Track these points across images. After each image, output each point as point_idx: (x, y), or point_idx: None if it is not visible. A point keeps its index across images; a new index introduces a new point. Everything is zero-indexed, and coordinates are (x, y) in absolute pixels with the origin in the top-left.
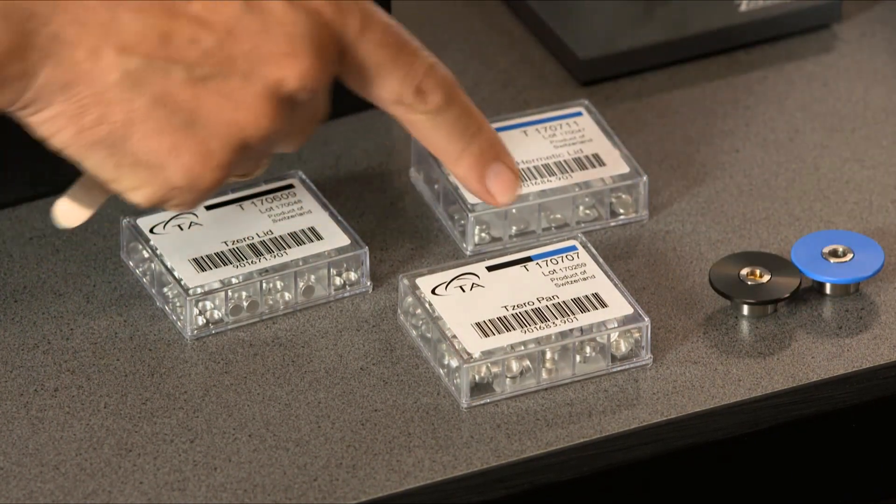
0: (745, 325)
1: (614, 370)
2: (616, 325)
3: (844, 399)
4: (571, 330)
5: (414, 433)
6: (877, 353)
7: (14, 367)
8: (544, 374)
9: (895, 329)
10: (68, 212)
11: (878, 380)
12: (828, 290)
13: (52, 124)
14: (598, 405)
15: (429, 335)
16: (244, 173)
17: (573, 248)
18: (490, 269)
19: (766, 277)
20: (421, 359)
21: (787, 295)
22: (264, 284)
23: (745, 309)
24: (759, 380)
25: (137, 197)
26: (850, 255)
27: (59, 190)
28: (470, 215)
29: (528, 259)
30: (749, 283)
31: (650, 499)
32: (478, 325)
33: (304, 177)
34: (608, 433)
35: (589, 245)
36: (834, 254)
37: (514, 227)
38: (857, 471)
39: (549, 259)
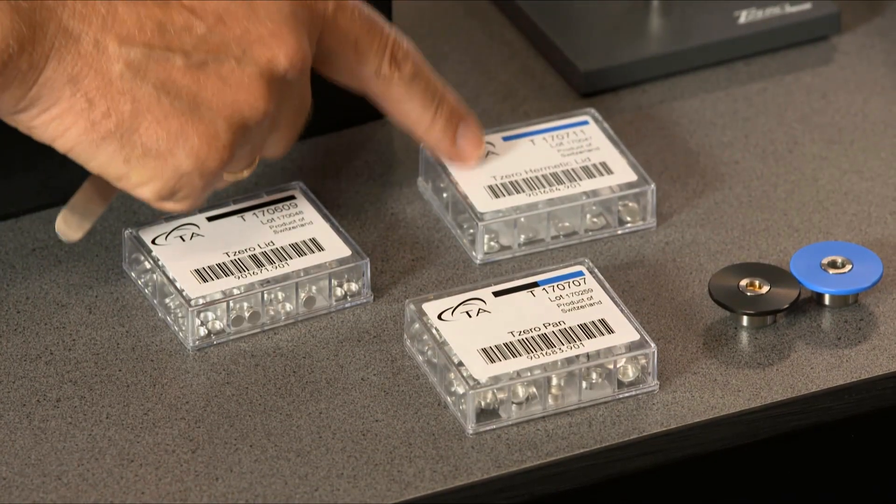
0: (744, 336)
1: (620, 396)
2: (623, 352)
3: (843, 410)
4: (578, 356)
5: (415, 443)
6: (875, 364)
7: (16, 377)
8: (550, 401)
9: (894, 340)
10: (70, 223)
11: (876, 390)
12: (827, 301)
13: (59, 123)
14: (598, 416)
15: (435, 360)
16: (238, 170)
17: (580, 273)
18: (496, 294)
19: (766, 288)
20: (421, 370)
21: (786, 306)
22: (266, 295)
23: (745, 320)
24: (759, 390)
25: (146, 192)
26: (848, 267)
27: (61, 201)
28: (479, 224)
29: (535, 285)
30: (748, 293)
31: None
32: (484, 350)
33: (305, 188)
34: (608, 444)
35: (595, 271)
36: (833, 265)
37: (523, 236)
38: (855, 482)
39: (555, 285)
